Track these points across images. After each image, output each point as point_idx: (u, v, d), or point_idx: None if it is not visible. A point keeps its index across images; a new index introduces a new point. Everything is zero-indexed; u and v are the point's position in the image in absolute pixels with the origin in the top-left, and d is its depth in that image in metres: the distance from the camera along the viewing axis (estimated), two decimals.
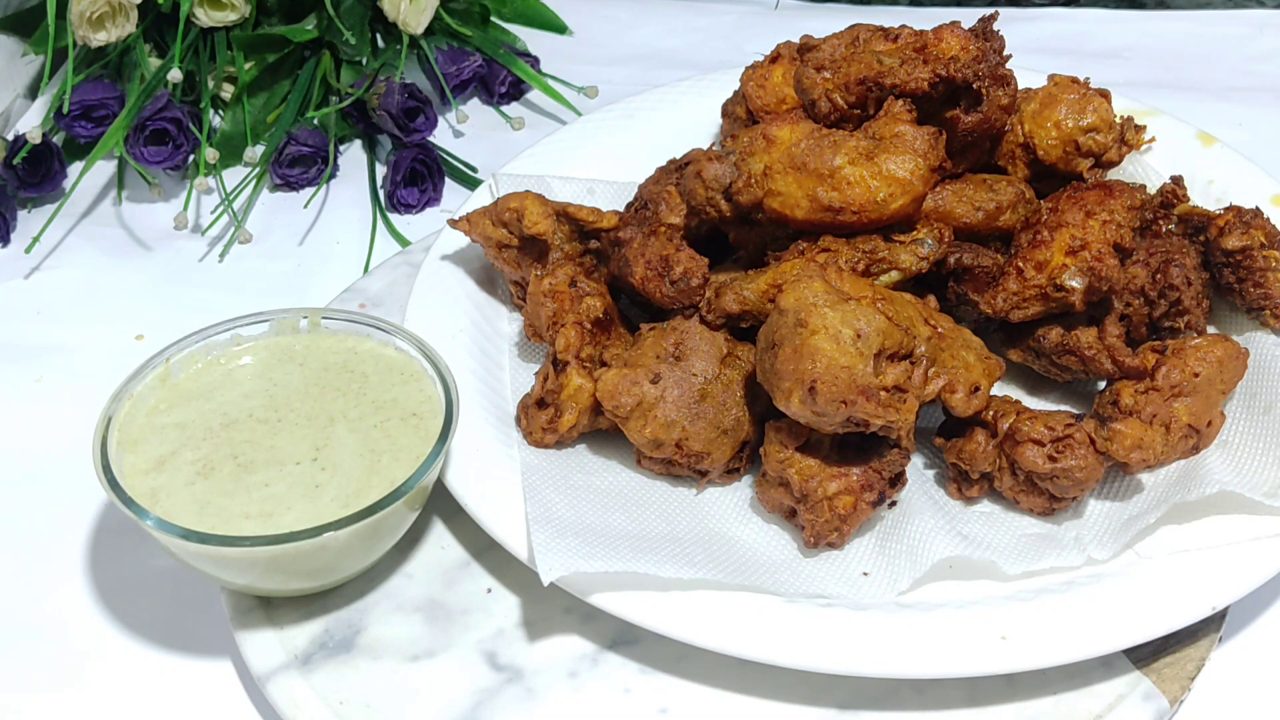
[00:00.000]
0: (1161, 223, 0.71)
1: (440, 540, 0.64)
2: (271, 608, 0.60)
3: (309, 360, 0.64)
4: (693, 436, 0.61)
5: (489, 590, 0.61)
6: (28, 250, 0.86)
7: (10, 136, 0.92)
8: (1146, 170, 0.78)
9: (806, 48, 0.74)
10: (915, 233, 0.64)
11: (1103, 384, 0.66)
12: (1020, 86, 0.71)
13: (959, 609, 0.56)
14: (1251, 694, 0.58)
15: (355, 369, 0.64)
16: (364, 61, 0.97)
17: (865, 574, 0.59)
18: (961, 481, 0.63)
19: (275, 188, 0.93)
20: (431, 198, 0.91)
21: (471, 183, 0.92)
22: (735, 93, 0.80)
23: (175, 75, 0.89)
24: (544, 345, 0.69)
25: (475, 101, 1.03)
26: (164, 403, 0.62)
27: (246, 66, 0.95)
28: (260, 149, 0.91)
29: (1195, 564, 0.57)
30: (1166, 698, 0.56)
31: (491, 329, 0.72)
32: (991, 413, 0.62)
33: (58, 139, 0.91)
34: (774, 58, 0.77)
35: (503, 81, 1.01)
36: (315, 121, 0.94)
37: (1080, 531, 0.61)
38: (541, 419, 0.64)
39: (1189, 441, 0.63)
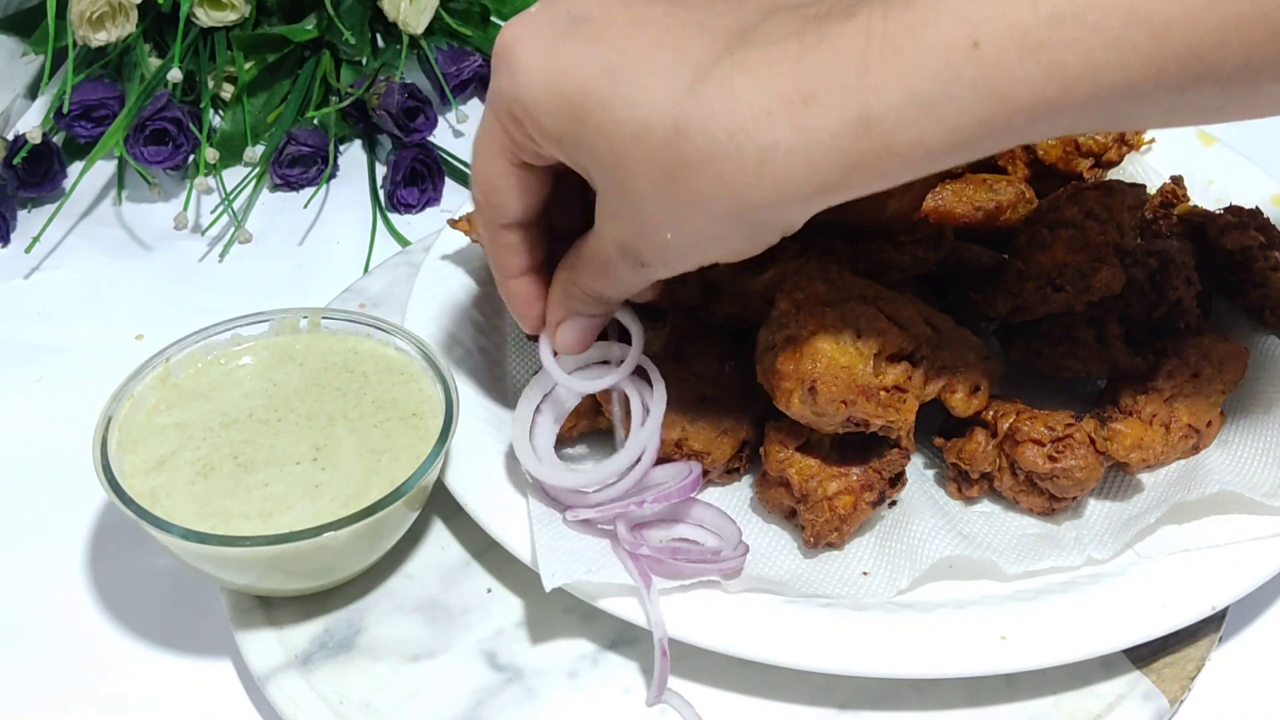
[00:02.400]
0: (1161, 223, 0.71)
1: (440, 540, 0.64)
2: (271, 608, 0.60)
3: (309, 360, 0.64)
4: (692, 436, 0.61)
5: (489, 590, 0.61)
6: (28, 250, 0.86)
7: (10, 136, 0.92)
8: (1146, 170, 0.78)
9: None
10: (915, 232, 0.64)
11: (1103, 384, 0.66)
12: None
13: (959, 609, 0.56)
14: (1251, 694, 0.58)
15: (355, 369, 0.64)
16: (364, 61, 0.97)
17: (865, 574, 0.59)
18: (961, 481, 0.63)
19: (275, 188, 0.93)
20: (431, 198, 0.91)
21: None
22: None
23: (175, 75, 0.89)
24: None
25: (475, 101, 1.03)
26: (164, 403, 0.62)
27: (246, 66, 0.95)
28: (260, 149, 0.91)
29: (1195, 564, 0.57)
30: (1166, 698, 0.56)
31: (491, 329, 0.72)
32: (991, 413, 0.62)
33: (58, 139, 0.91)
34: None
35: None
36: (315, 121, 0.94)
37: (1080, 531, 0.61)
38: None
39: (1189, 441, 0.63)
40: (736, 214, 0.46)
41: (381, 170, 0.94)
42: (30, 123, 0.98)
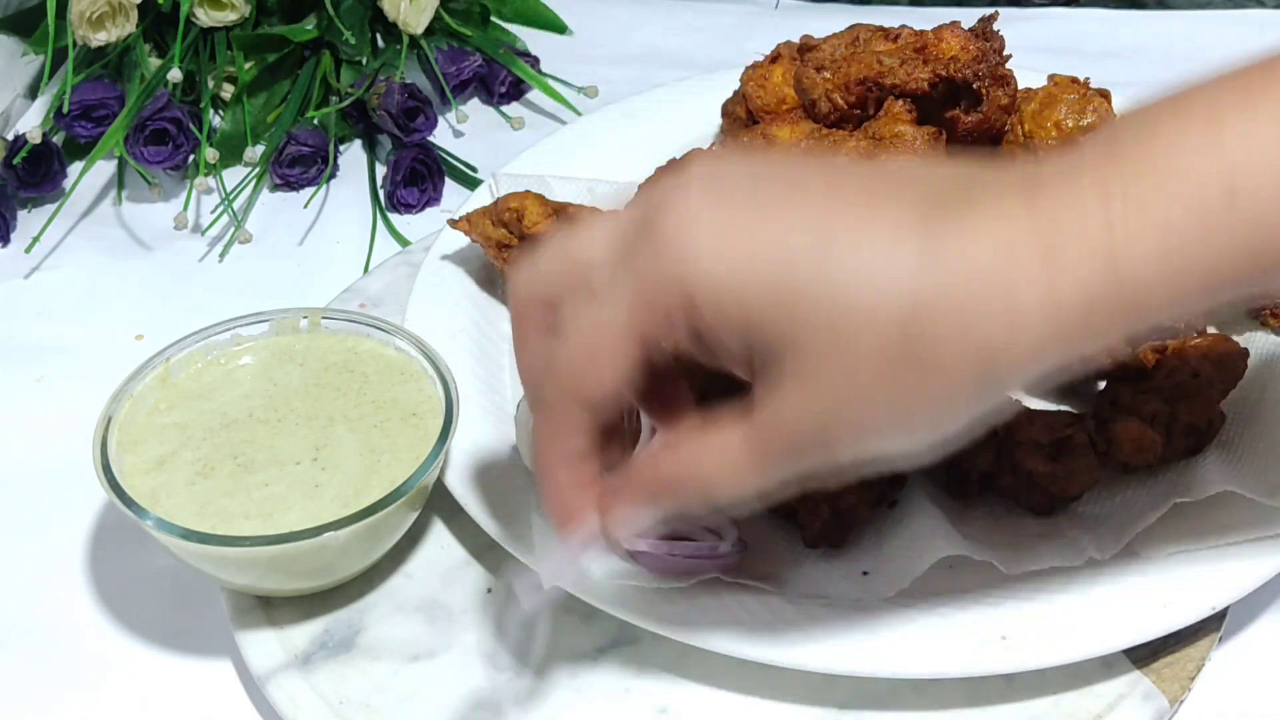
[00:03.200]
0: None
1: (440, 540, 0.64)
2: (271, 608, 0.60)
3: (309, 360, 0.64)
4: None
5: (489, 590, 0.61)
6: (28, 250, 0.86)
7: (10, 136, 0.92)
8: None
9: (806, 48, 0.74)
10: None
11: (1102, 383, 0.66)
12: (1020, 86, 0.71)
13: (959, 609, 0.56)
14: (1251, 694, 0.58)
15: (355, 369, 0.64)
16: (364, 61, 0.97)
17: (865, 573, 0.59)
18: (961, 481, 0.63)
19: (275, 188, 0.93)
20: (431, 198, 0.91)
21: (471, 183, 0.92)
22: (735, 93, 0.80)
23: (175, 75, 0.89)
24: None
25: (475, 101, 1.03)
26: (164, 403, 0.62)
27: (246, 66, 0.95)
28: (260, 149, 0.91)
29: (1195, 564, 0.57)
30: (1166, 698, 0.56)
31: (491, 329, 0.72)
32: None
33: (58, 139, 0.91)
34: (774, 58, 0.77)
35: (503, 81, 1.01)
36: (315, 121, 0.94)
37: (1080, 531, 0.61)
38: None
39: (1189, 441, 0.63)
40: (975, 385, 0.42)
41: (381, 170, 0.94)
42: (30, 123, 0.98)
